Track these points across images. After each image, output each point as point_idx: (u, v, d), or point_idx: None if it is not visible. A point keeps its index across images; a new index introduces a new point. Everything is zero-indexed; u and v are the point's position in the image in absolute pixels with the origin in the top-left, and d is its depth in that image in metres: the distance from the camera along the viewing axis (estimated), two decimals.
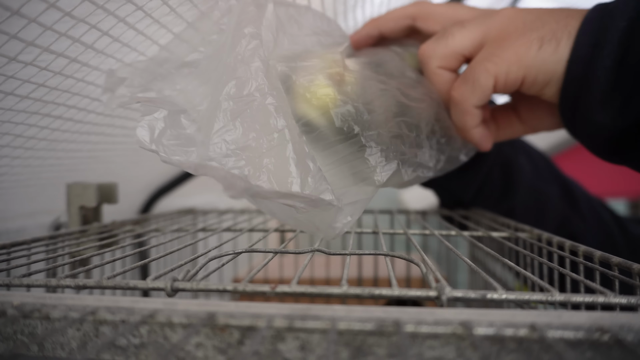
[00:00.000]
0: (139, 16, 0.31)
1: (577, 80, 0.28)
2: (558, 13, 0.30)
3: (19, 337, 0.16)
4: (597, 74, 0.27)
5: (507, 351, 0.14)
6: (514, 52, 0.29)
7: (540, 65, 0.29)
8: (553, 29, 0.29)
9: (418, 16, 0.35)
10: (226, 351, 0.15)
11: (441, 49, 0.32)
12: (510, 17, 0.31)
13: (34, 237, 0.30)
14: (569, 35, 0.28)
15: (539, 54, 0.29)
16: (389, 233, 0.36)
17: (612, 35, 0.27)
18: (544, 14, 0.30)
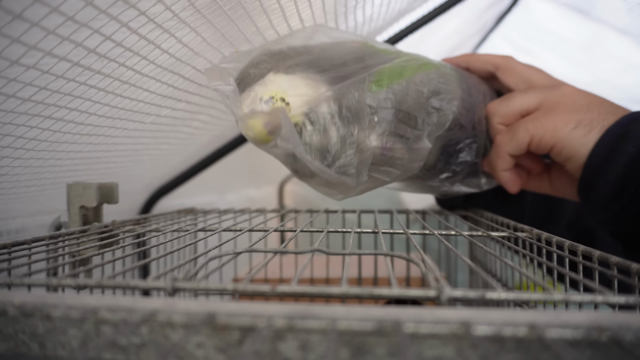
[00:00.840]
0: (142, 21, 0.31)
1: (592, 169, 0.33)
2: (606, 106, 0.35)
3: (20, 336, 0.16)
4: (601, 182, 0.33)
5: (507, 350, 0.14)
6: (553, 124, 0.35)
7: (569, 141, 0.34)
8: (593, 117, 0.34)
9: (501, 68, 0.42)
10: (226, 351, 0.15)
11: (503, 108, 0.38)
12: (567, 95, 0.37)
13: (35, 237, 0.30)
14: (601, 129, 0.33)
15: (571, 133, 0.34)
16: (389, 233, 0.36)
17: (619, 156, 0.32)
18: (594, 103, 0.35)
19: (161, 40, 0.35)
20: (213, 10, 0.36)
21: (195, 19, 0.35)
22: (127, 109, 0.43)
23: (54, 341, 0.16)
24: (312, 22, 0.48)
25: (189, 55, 0.40)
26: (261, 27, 0.43)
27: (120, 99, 0.40)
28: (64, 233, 0.34)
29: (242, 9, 0.38)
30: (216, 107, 0.58)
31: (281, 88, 0.32)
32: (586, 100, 0.36)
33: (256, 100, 0.31)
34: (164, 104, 0.47)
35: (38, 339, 0.16)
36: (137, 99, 0.42)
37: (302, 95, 0.31)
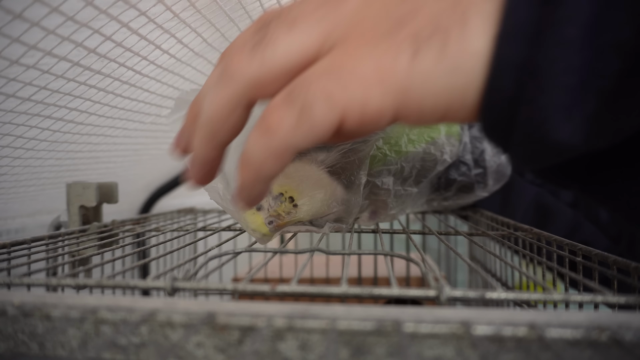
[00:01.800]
0: (142, 21, 0.31)
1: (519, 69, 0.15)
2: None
3: (20, 336, 0.16)
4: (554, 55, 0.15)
5: (506, 350, 0.14)
6: (374, 66, 0.17)
7: (421, 85, 0.16)
8: (433, 14, 0.16)
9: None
10: (226, 350, 0.15)
11: (255, 68, 0.18)
12: (366, 2, 0.18)
13: (34, 236, 0.30)
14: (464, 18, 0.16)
15: (416, 68, 0.16)
16: (389, 232, 0.36)
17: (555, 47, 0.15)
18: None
19: (161, 40, 0.35)
20: (213, 11, 0.36)
21: (196, 20, 0.35)
22: (127, 109, 0.43)
23: (54, 341, 0.16)
24: None
25: (189, 56, 0.40)
26: None
27: (120, 99, 0.40)
28: (63, 233, 0.34)
29: (242, 9, 0.38)
30: None
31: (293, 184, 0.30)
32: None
33: None
34: (164, 104, 0.47)
35: (37, 338, 0.16)
36: (137, 99, 0.42)
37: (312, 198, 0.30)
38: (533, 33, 0.15)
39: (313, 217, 0.31)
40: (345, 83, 0.17)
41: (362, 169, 0.32)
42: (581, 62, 0.15)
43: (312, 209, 0.30)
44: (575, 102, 0.15)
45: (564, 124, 0.15)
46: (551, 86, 0.15)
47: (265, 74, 0.18)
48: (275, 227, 0.30)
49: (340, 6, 0.18)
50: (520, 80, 0.15)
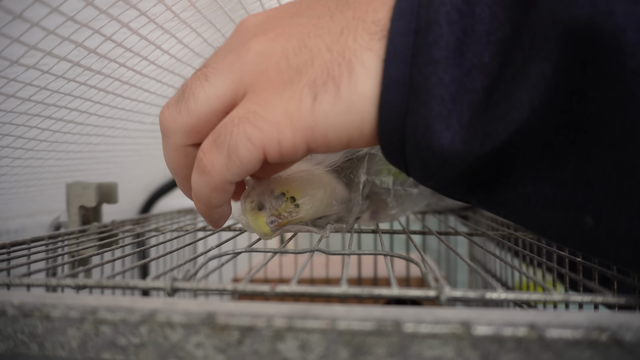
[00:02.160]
0: (143, 21, 0.31)
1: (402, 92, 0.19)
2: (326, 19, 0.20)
3: (19, 336, 0.16)
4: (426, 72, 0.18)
5: (506, 350, 0.14)
6: (282, 111, 0.20)
7: (324, 124, 0.20)
8: (325, 62, 0.19)
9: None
10: (226, 351, 0.15)
11: (183, 119, 0.22)
12: (266, 53, 0.21)
13: (34, 236, 0.30)
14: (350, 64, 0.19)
15: (317, 109, 0.19)
16: (389, 232, 0.36)
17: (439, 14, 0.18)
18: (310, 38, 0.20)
19: (162, 40, 0.35)
20: (214, 11, 0.36)
21: (196, 20, 0.35)
22: (127, 109, 0.43)
23: (53, 341, 0.16)
24: None
25: (189, 56, 0.40)
26: None
27: (120, 99, 0.40)
28: (63, 233, 0.34)
29: (243, 9, 0.38)
30: None
31: (294, 184, 0.30)
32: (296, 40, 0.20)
33: (266, 192, 0.30)
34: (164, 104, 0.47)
35: (37, 339, 0.16)
36: (138, 99, 0.42)
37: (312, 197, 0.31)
38: (409, 55, 0.18)
39: (314, 217, 0.32)
40: (261, 127, 0.20)
41: (361, 168, 0.32)
42: (450, 78, 0.18)
43: (312, 208, 0.31)
44: (450, 112, 0.18)
45: (445, 131, 0.18)
46: (428, 98, 0.18)
47: (194, 120, 0.22)
48: (277, 227, 0.30)
49: (243, 56, 0.21)
50: (404, 95, 0.18)
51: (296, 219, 0.31)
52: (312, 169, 0.31)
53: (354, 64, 0.19)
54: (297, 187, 0.31)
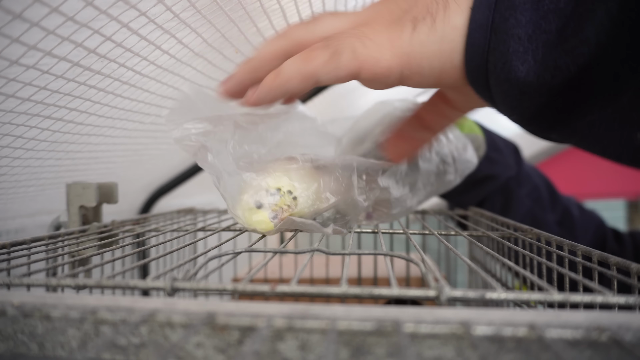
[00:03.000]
0: (143, 22, 0.31)
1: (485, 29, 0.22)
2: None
3: (20, 336, 0.16)
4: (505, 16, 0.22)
5: (506, 350, 0.14)
6: (387, 37, 0.24)
7: (420, 50, 0.23)
8: (427, 3, 0.24)
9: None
10: (226, 351, 0.15)
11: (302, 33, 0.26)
12: (383, 2, 0.26)
13: (34, 236, 0.30)
14: (447, 4, 0.23)
15: (415, 37, 0.23)
16: (389, 233, 0.36)
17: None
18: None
19: (162, 41, 0.35)
20: (214, 11, 0.36)
21: (196, 20, 0.35)
22: (127, 109, 0.43)
23: (53, 341, 0.16)
24: None
25: (189, 56, 0.40)
26: (262, 27, 0.43)
27: (120, 99, 0.40)
28: (63, 233, 0.34)
29: (243, 10, 0.38)
30: None
31: (287, 180, 0.31)
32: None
33: (261, 191, 0.31)
34: (164, 104, 0.47)
35: (37, 339, 0.16)
36: (137, 99, 0.42)
37: (307, 189, 0.32)
38: (492, 2, 0.22)
39: (314, 212, 0.32)
40: (366, 44, 0.24)
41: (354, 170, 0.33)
42: (527, 20, 0.21)
43: (309, 200, 0.31)
44: (526, 49, 0.21)
45: (520, 66, 0.21)
46: (506, 38, 0.21)
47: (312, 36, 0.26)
48: (279, 221, 0.30)
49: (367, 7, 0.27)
50: (487, 35, 0.22)
51: (296, 212, 0.31)
52: (303, 165, 0.32)
53: (449, 2, 0.23)
54: (291, 181, 0.31)
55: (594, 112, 0.22)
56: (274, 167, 0.32)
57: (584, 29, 0.20)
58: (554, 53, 0.21)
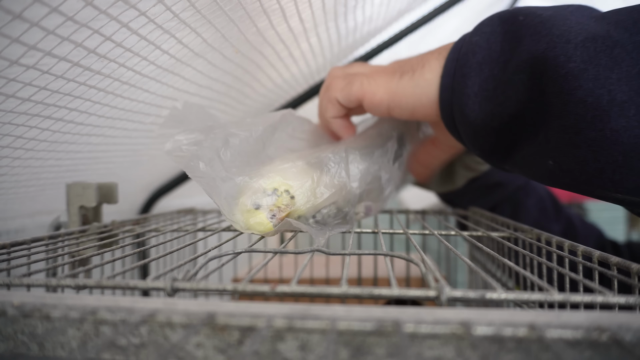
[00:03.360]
0: (142, 21, 0.31)
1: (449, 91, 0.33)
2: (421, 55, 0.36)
3: (19, 336, 0.16)
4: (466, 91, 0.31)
5: (506, 350, 0.14)
6: (384, 81, 0.36)
7: (402, 91, 0.35)
8: (412, 65, 0.35)
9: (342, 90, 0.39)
10: (226, 351, 0.15)
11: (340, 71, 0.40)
12: (387, 63, 0.39)
13: (34, 237, 0.30)
14: (423, 65, 0.34)
15: (400, 83, 0.35)
16: (389, 233, 0.36)
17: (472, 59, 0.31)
18: (413, 58, 0.37)
19: (161, 41, 0.35)
20: (213, 11, 0.36)
21: (196, 20, 0.35)
22: (127, 109, 0.43)
23: (53, 341, 0.16)
24: (312, 22, 0.48)
25: (189, 56, 0.40)
26: (261, 27, 0.43)
27: (120, 99, 0.40)
28: (63, 233, 0.34)
29: (243, 10, 0.38)
30: (216, 107, 0.58)
31: (282, 180, 0.32)
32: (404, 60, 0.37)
33: (258, 192, 0.31)
34: (164, 104, 0.47)
35: (37, 339, 0.16)
36: (137, 99, 0.42)
37: (303, 186, 0.32)
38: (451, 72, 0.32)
39: (313, 209, 0.32)
40: (370, 83, 0.37)
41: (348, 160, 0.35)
42: (472, 83, 0.31)
43: (305, 197, 0.32)
44: (474, 102, 0.31)
45: (471, 113, 0.31)
46: (461, 95, 0.31)
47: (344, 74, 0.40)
48: (278, 220, 0.30)
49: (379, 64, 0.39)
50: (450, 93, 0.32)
51: (294, 211, 0.31)
52: (295, 163, 0.32)
53: (425, 65, 0.34)
54: (286, 181, 0.31)
55: (525, 147, 0.30)
56: (267, 169, 0.32)
57: (507, 91, 0.29)
58: (490, 105, 0.30)
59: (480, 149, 0.33)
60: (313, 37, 0.52)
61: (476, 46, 0.31)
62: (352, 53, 0.70)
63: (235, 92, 0.57)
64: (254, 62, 0.50)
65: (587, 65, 0.26)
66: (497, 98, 0.30)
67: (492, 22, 0.32)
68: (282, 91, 0.68)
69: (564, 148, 0.27)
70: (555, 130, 0.27)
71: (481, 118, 0.31)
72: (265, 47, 0.48)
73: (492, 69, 0.30)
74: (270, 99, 0.68)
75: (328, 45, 0.58)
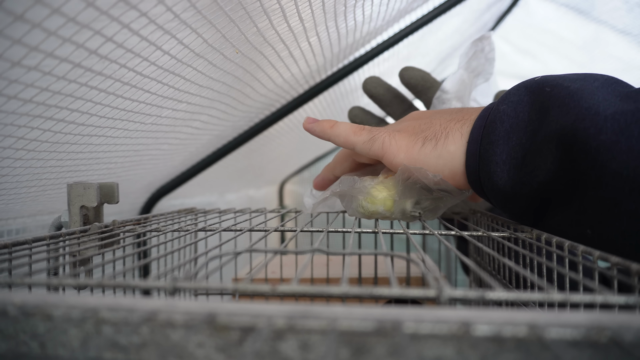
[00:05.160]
0: (143, 22, 0.31)
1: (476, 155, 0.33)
2: (448, 113, 0.37)
3: (21, 336, 0.16)
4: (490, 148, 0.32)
5: (506, 350, 0.14)
6: (406, 144, 0.36)
7: (423, 159, 0.35)
8: (435, 132, 0.35)
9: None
10: (226, 350, 0.15)
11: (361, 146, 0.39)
12: (412, 118, 0.39)
13: (36, 236, 0.30)
14: (447, 136, 0.34)
15: (422, 151, 0.35)
16: (389, 233, 0.36)
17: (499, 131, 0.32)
18: (435, 117, 0.37)
19: (162, 41, 0.35)
20: (214, 11, 0.36)
21: (196, 20, 0.35)
22: (128, 109, 0.43)
23: (55, 341, 0.16)
24: (312, 22, 0.48)
25: (190, 57, 0.41)
26: (262, 27, 0.43)
27: (121, 100, 0.40)
28: (64, 233, 0.34)
29: (243, 10, 0.38)
30: (216, 107, 0.58)
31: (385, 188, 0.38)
32: (428, 117, 0.38)
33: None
34: (165, 104, 0.47)
35: (39, 338, 0.16)
36: (138, 100, 0.42)
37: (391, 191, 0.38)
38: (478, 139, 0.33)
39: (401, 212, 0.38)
40: (392, 143, 0.36)
41: None
42: (501, 151, 0.31)
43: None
44: (502, 170, 0.31)
45: (499, 180, 0.32)
46: (489, 162, 0.32)
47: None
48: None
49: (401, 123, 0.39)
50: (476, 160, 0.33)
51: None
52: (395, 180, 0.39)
53: (449, 136, 0.34)
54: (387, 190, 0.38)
55: (558, 214, 0.30)
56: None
57: (536, 159, 0.29)
58: (519, 173, 0.31)
59: (510, 212, 0.33)
60: (313, 37, 0.52)
61: (504, 114, 0.31)
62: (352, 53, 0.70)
63: (235, 92, 0.57)
64: (254, 62, 0.50)
65: (619, 137, 0.25)
66: (526, 167, 0.30)
67: (519, 92, 0.32)
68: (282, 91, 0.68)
69: (603, 219, 0.27)
70: (591, 200, 0.27)
71: (510, 185, 0.31)
72: (265, 47, 0.48)
73: (520, 138, 0.30)
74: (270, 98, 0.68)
75: (328, 45, 0.58)
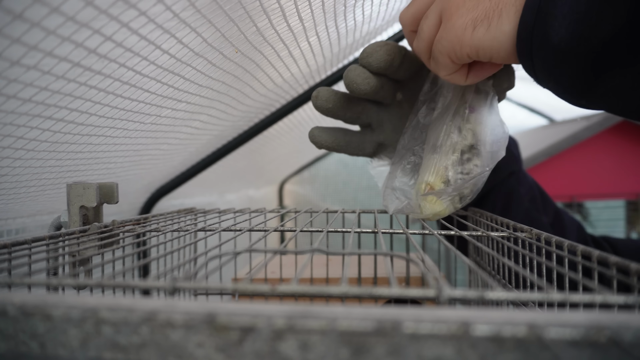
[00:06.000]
0: (143, 21, 0.31)
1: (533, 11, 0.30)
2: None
3: (21, 336, 0.16)
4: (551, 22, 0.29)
5: (506, 350, 0.14)
6: (454, 35, 0.34)
7: (477, 44, 0.33)
8: (486, 10, 0.32)
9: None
10: (226, 350, 0.15)
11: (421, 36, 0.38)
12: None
13: (35, 236, 0.30)
14: (500, 14, 0.32)
15: (474, 35, 0.33)
16: (389, 233, 0.36)
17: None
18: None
19: (162, 40, 0.35)
20: (213, 11, 0.36)
21: (196, 19, 0.35)
22: (127, 109, 0.43)
23: (55, 341, 0.16)
24: (311, 21, 0.48)
25: (189, 56, 0.40)
26: (261, 27, 0.43)
27: (120, 99, 0.40)
28: (64, 233, 0.34)
29: (242, 9, 0.38)
30: (216, 107, 0.58)
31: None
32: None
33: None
34: (164, 104, 0.47)
35: (38, 338, 0.16)
36: (138, 99, 0.42)
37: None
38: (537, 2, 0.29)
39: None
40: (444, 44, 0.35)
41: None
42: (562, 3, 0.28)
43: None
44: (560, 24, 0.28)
45: (556, 36, 0.28)
46: (547, 16, 0.28)
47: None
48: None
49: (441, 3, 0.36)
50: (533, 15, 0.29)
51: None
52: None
53: (503, 12, 0.32)
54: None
55: (616, 78, 0.28)
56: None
57: (604, 12, 0.26)
58: (580, 27, 0.27)
59: (555, 80, 0.30)
60: (313, 37, 0.52)
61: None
62: (352, 53, 0.70)
63: (235, 91, 0.57)
64: (253, 61, 0.50)
65: None
66: (590, 19, 0.27)
67: None
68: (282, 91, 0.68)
69: None
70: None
71: (566, 41, 0.28)
72: (265, 46, 0.48)
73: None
74: (270, 98, 0.68)
75: (328, 45, 0.58)
